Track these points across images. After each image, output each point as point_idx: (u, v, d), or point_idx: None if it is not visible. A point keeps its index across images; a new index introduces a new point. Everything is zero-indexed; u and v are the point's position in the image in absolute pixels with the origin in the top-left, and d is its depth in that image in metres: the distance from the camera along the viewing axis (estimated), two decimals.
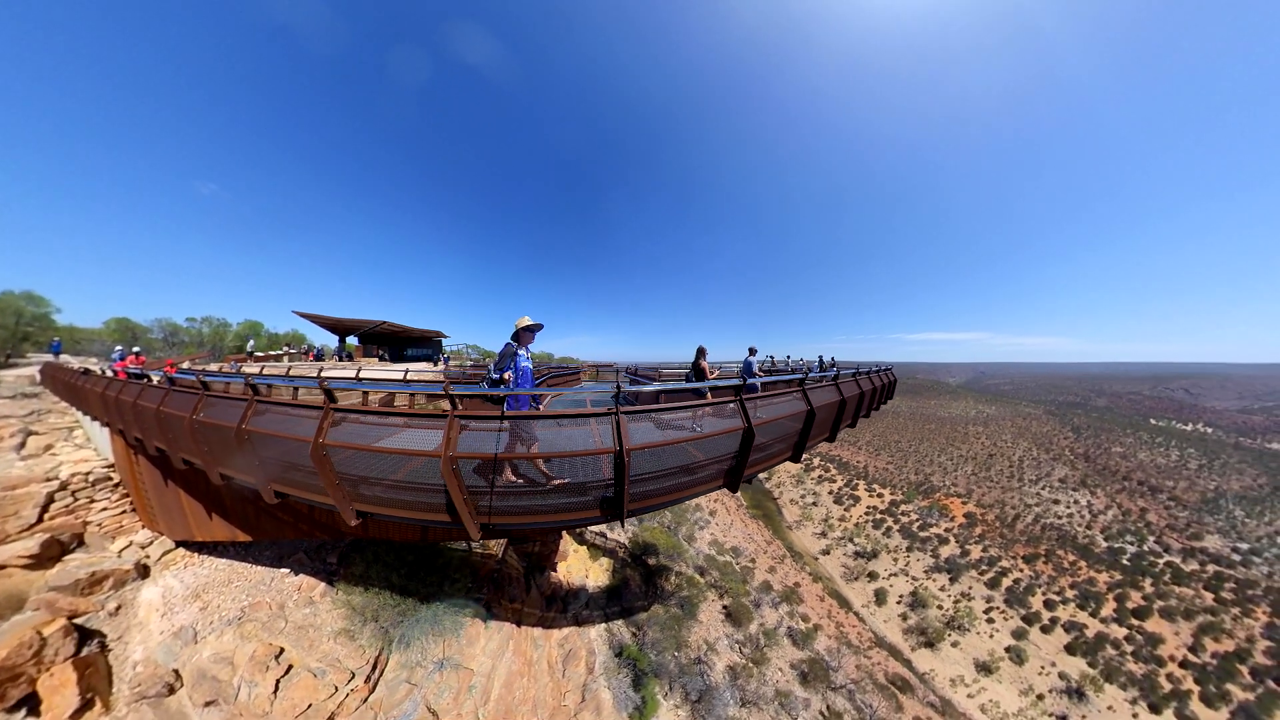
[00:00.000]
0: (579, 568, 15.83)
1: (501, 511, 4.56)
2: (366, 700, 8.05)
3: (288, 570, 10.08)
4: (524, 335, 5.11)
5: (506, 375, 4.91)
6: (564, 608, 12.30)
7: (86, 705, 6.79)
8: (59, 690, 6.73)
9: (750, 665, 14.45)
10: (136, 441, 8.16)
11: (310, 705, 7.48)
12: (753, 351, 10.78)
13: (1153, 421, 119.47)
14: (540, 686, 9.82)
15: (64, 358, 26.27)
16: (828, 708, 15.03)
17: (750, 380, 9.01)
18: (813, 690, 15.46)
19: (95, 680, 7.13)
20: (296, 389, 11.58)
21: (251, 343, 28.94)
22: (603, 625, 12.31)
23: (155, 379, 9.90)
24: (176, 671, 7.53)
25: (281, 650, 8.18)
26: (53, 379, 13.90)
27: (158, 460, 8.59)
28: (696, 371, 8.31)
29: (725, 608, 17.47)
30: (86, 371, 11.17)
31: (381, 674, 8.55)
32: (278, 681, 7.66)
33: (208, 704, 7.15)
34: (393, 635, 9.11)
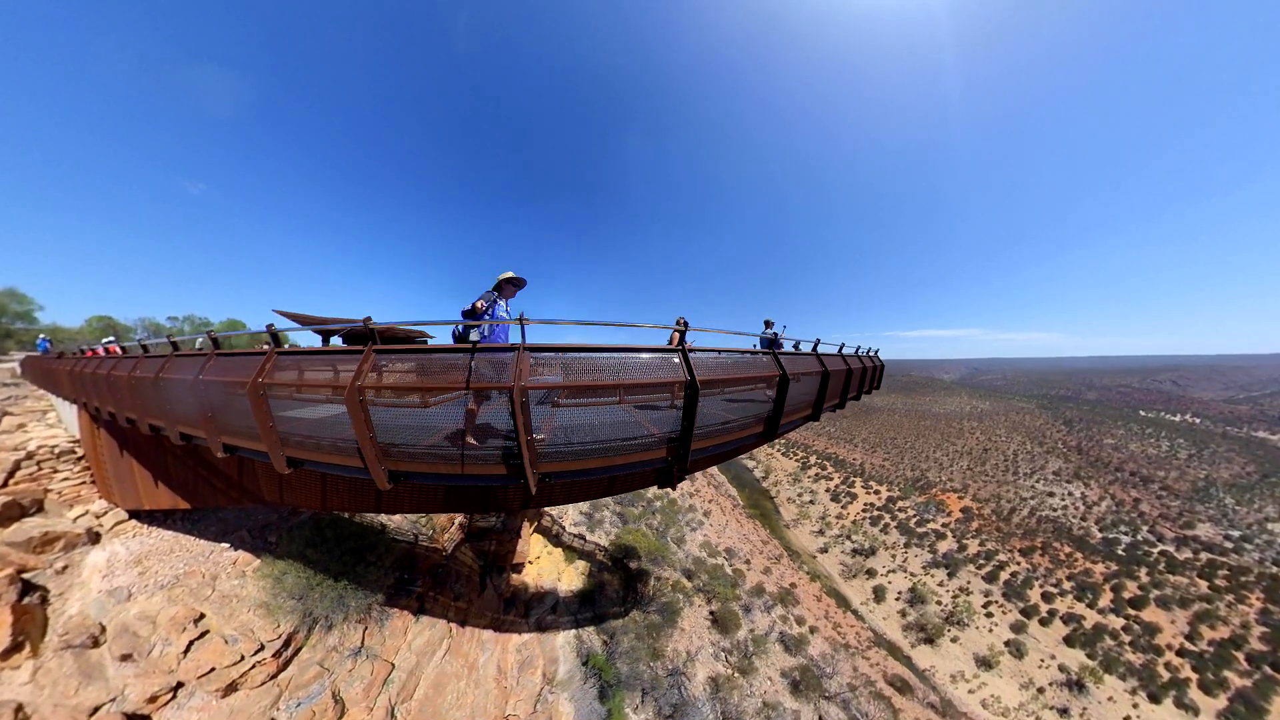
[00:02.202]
0: (551, 570, 15.21)
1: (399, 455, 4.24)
2: (275, 676, 8.21)
3: (228, 545, 10.40)
4: (505, 288, 4.88)
5: (479, 304, 4.54)
6: (526, 611, 11.69)
7: (16, 647, 7.33)
8: None
9: (735, 675, 13.77)
10: (96, 411, 8.69)
11: (213, 669, 7.80)
12: (769, 324, 9.36)
13: (1142, 413, 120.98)
14: (483, 693, 9.39)
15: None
16: (819, 719, 14.36)
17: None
18: (804, 700, 14.82)
19: (29, 626, 7.69)
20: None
21: (201, 340, 27.45)
22: (571, 632, 11.68)
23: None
24: (103, 625, 8.00)
25: (202, 615, 8.53)
26: (31, 368, 14.64)
27: (114, 430, 9.25)
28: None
29: (712, 613, 16.87)
30: (60, 355, 11.98)
31: (296, 652, 8.67)
32: (190, 643, 8.03)
33: (124, 657, 7.58)
34: (316, 616, 9.11)
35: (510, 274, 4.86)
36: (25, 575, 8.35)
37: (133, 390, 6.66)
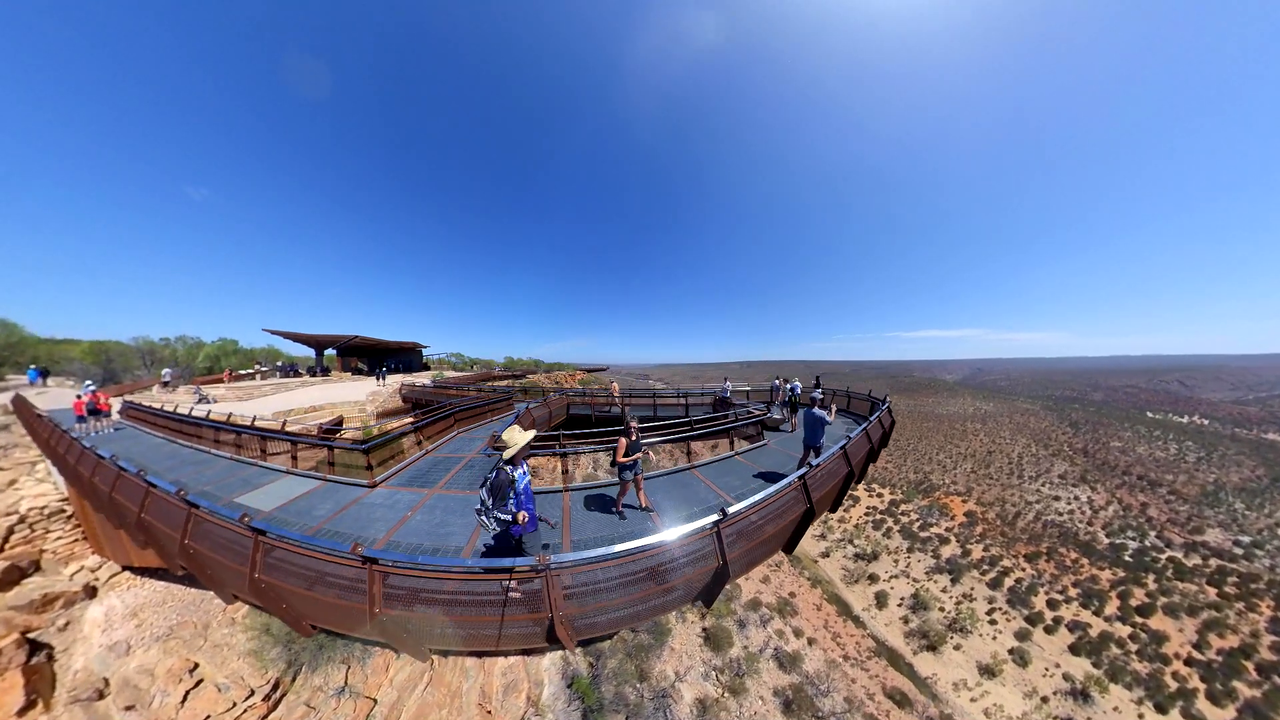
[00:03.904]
0: None
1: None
2: (265, 717, 8.69)
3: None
4: (517, 455, 4.38)
5: (521, 516, 4.12)
6: None
7: (30, 705, 7.86)
8: (9, 691, 7.82)
9: (725, 696, 13.39)
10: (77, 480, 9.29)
11: (209, 716, 8.24)
12: (813, 402, 7.78)
13: (1149, 414, 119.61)
14: (465, 719, 9.70)
15: (50, 381, 27.02)
16: None
17: (816, 448, 7.33)
18: None
19: (40, 684, 8.22)
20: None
21: (167, 372, 26.55)
22: (558, 653, 11.47)
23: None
24: (106, 679, 8.48)
25: (196, 665, 9.05)
26: (20, 413, 14.90)
27: None
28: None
29: (705, 630, 16.41)
30: (39, 417, 12.15)
31: (284, 695, 9.18)
32: (187, 693, 8.50)
33: (128, 708, 8.08)
34: (301, 660, 9.60)
35: (519, 438, 4.43)
36: (30, 635, 8.86)
37: (94, 494, 7.19)
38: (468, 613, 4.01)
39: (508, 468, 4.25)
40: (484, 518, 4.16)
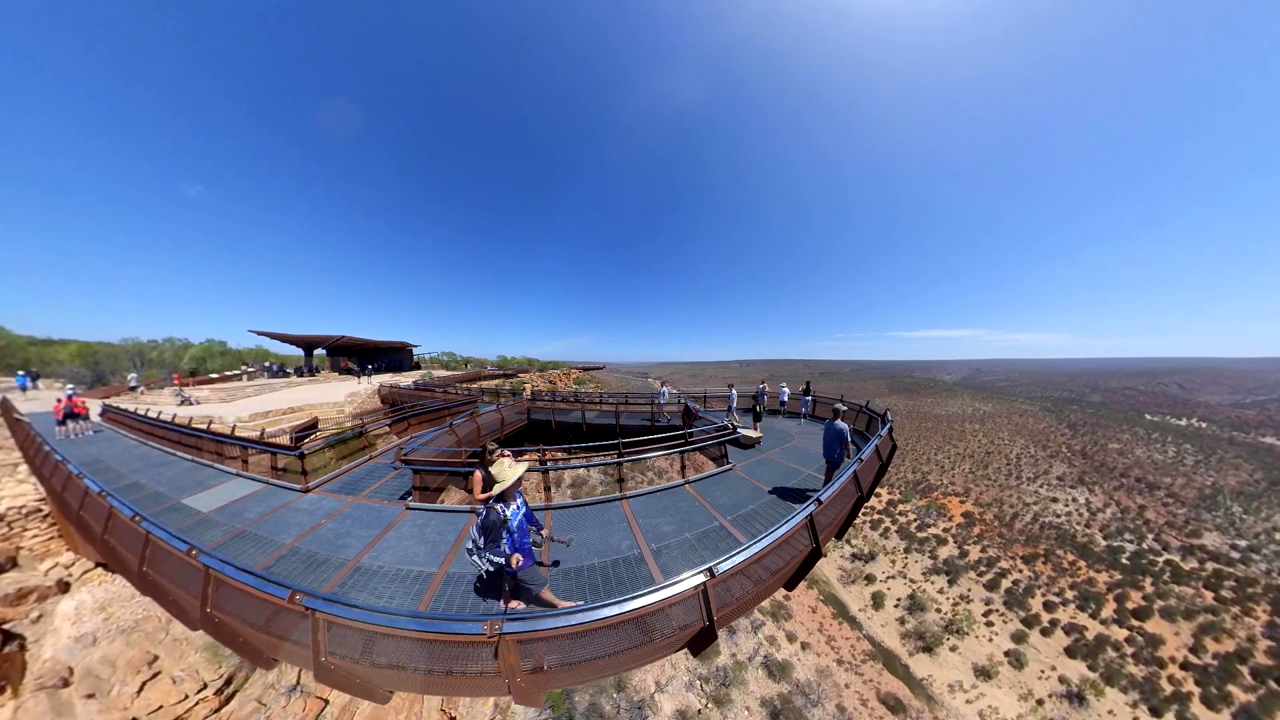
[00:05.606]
0: None
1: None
2: (217, 711, 9.08)
3: None
4: (509, 490, 3.99)
5: (515, 559, 3.75)
6: None
7: (0, 690, 8.45)
8: None
9: (708, 707, 12.74)
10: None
11: (161, 707, 8.69)
12: (835, 414, 7.08)
13: (1148, 417, 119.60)
14: None
15: (41, 385, 26.90)
16: None
17: (835, 462, 6.81)
18: None
19: (10, 672, 8.72)
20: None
21: (134, 377, 26.14)
22: None
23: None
24: (71, 669, 8.95)
25: (156, 657, 9.48)
26: (5, 415, 15.28)
27: None
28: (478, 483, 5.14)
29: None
30: (18, 421, 12.61)
31: (236, 690, 9.52)
32: (143, 684, 8.94)
33: (88, 696, 8.58)
34: None
35: (507, 471, 3.96)
36: (4, 626, 9.38)
37: (52, 493, 7.77)
38: (272, 631, 4.02)
39: (499, 506, 3.90)
40: (476, 559, 3.87)
